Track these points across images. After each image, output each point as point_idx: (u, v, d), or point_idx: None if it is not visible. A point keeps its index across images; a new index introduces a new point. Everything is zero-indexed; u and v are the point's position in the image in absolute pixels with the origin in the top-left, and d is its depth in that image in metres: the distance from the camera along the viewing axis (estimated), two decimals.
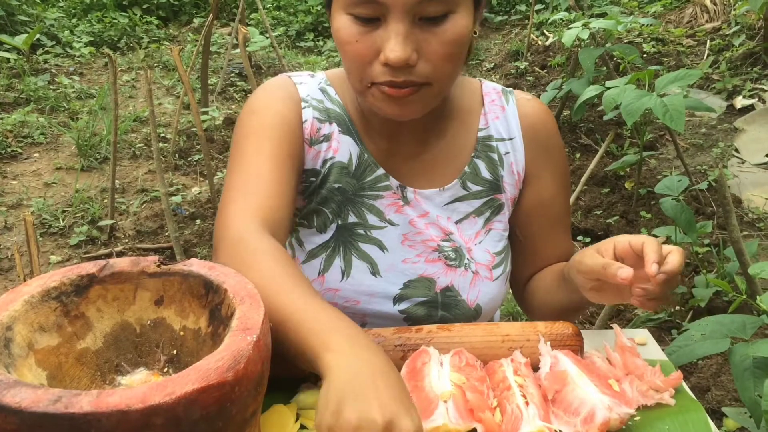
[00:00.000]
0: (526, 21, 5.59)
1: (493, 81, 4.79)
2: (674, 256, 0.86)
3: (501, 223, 1.12)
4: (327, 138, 1.06)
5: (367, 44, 0.90)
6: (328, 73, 1.12)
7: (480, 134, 1.10)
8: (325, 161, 1.06)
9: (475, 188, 1.10)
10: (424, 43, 0.89)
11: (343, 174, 1.07)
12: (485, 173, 1.10)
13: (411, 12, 0.87)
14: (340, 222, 1.08)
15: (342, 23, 0.91)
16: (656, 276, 0.83)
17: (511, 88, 1.15)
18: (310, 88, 1.08)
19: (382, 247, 1.08)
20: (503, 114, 1.11)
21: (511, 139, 1.10)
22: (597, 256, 0.91)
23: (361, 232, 1.08)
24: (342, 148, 1.06)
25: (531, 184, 1.12)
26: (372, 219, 1.08)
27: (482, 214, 1.10)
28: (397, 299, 1.08)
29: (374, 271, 1.08)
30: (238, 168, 0.99)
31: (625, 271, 0.84)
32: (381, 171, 1.07)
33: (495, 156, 1.10)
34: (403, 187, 1.08)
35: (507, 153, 1.10)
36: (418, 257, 1.09)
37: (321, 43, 6.57)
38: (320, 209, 1.08)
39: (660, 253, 0.85)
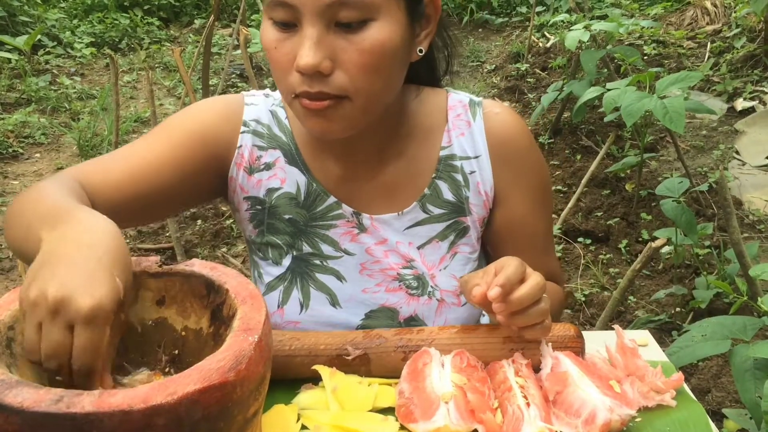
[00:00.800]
0: (527, 23, 5.60)
1: (494, 82, 4.73)
2: (523, 286, 0.83)
3: (467, 246, 1.06)
4: (269, 166, 1.03)
5: (285, 51, 0.85)
6: None
7: (442, 153, 1.03)
8: (270, 190, 1.04)
9: (436, 211, 1.04)
10: (340, 51, 0.84)
11: (292, 205, 1.04)
12: (448, 195, 1.04)
13: (323, 16, 0.82)
14: (294, 253, 1.05)
15: (265, 29, 0.87)
16: (495, 300, 0.81)
17: (480, 99, 1.07)
18: (259, 110, 1.04)
19: (339, 277, 1.05)
20: (469, 130, 1.04)
21: (477, 157, 1.03)
22: (471, 275, 0.90)
23: (317, 262, 1.05)
24: (289, 179, 1.03)
25: (501, 204, 1.05)
26: (327, 249, 1.04)
27: (446, 237, 1.05)
28: (360, 329, 1.04)
29: (333, 302, 1.05)
30: (126, 145, 1.01)
31: (477, 289, 0.84)
32: (332, 199, 1.03)
33: (459, 176, 1.03)
34: (357, 213, 1.03)
35: (473, 172, 1.03)
36: (378, 287, 1.05)
37: None
38: (273, 241, 1.05)
39: (509, 278, 0.82)
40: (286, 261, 1.06)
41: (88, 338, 0.62)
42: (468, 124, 1.04)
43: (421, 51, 0.93)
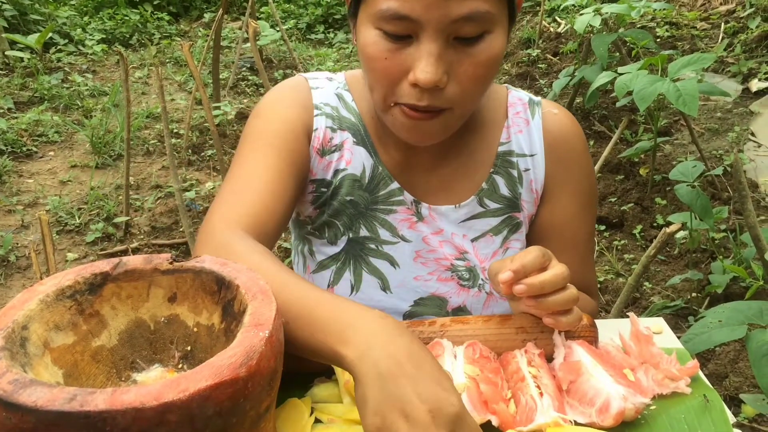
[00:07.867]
0: (538, 8, 5.55)
1: (505, 69, 4.69)
2: (544, 273, 0.82)
3: (519, 242, 1.08)
4: (339, 147, 1.03)
5: (396, 62, 0.84)
6: (348, 75, 1.08)
7: (500, 149, 1.05)
8: (336, 172, 1.03)
9: (492, 206, 1.05)
10: (456, 65, 0.84)
11: (355, 187, 1.04)
12: (504, 190, 1.05)
13: (445, 31, 0.81)
14: (351, 235, 1.05)
15: (370, 38, 0.85)
16: (505, 284, 0.81)
17: (539, 98, 1.08)
18: (326, 93, 1.04)
19: (393, 263, 1.06)
20: (527, 128, 1.05)
21: (533, 155, 1.05)
22: (499, 263, 0.89)
23: (373, 246, 1.05)
24: (355, 160, 1.03)
25: (547, 202, 1.07)
26: (384, 234, 1.05)
27: (500, 232, 1.06)
28: (407, 316, 1.06)
29: (384, 287, 1.06)
30: (235, 172, 0.97)
31: (505, 275, 0.82)
32: (395, 185, 1.03)
33: (515, 172, 1.05)
34: (417, 202, 1.04)
35: (527, 170, 1.05)
36: (431, 275, 1.06)
37: (332, 35, 6.57)
38: (331, 221, 1.06)
39: (524, 264, 0.81)
40: (342, 242, 1.06)
41: None
42: (526, 122, 1.06)
43: None
